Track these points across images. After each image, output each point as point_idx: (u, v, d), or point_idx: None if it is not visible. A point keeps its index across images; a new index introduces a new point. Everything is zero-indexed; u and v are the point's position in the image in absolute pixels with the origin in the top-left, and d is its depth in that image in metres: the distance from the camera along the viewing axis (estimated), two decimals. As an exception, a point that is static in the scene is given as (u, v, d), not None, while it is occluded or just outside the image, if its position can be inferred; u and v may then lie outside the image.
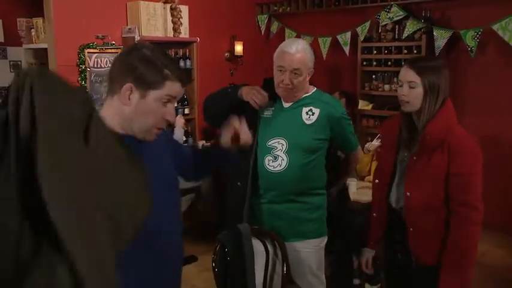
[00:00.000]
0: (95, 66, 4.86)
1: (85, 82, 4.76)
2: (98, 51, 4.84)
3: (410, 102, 2.08)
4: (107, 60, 4.94)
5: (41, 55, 5.52)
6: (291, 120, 2.35)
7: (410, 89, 2.07)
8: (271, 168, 2.33)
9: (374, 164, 3.84)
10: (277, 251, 2.39)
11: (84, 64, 4.74)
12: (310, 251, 2.44)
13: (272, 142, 2.34)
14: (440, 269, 2.03)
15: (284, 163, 2.31)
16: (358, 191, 3.56)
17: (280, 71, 2.28)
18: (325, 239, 2.51)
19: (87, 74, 4.78)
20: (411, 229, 2.12)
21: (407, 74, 2.08)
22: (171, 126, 3.65)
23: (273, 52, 2.38)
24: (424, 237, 2.09)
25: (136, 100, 1.45)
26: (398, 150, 2.18)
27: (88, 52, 4.77)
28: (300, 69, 2.27)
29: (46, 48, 4.88)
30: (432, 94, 2.04)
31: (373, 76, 5.50)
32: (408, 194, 2.10)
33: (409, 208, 2.12)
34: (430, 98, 2.04)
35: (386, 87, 5.34)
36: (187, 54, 5.42)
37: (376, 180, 2.27)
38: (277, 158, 2.32)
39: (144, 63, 1.45)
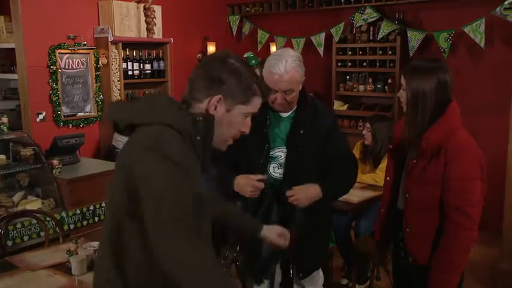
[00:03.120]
0: (66, 67, 4.67)
1: (56, 84, 4.57)
2: (69, 51, 4.65)
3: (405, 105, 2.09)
4: (78, 61, 4.76)
5: (2, 56, 5.26)
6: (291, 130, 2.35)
7: (403, 91, 2.08)
8: (277, 175, 2.33)
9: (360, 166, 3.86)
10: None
11: (55, 65, 4.55)
12: None
13: (276, 151, 2.34)
14: (430, 270, 2.05)
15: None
16: (347, 191, 3.55)
17: (272, 92, 2.22)
18: None
19: (58, 75, 4.59)
20: (407, 230, 2.13)
21: (402, 77, 2.09)
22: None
23: (245, 53, 2.33)
24: (419, 239, 2.10)
25: (222, 112, 1.43)
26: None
27: (59, 53, 4.58)
28: (291, 89, 2.23)
29: (9, 49, 4.66)
30: (416, 102, 2.00)
31: (348, 77, 5.56)
32: (407, 195, 2.11)
33: (407, 209, 2.13)
34: (414, 107, 2.01)
35: (361, 87, 5.40)
36: (161, 55, 5.30)
37: (388, 178, 2.27)
38: (282, 165, 2.33)
39: (234, 76, 1.42)
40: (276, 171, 2.33)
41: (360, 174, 3.47)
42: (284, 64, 2.17)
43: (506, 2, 4.37)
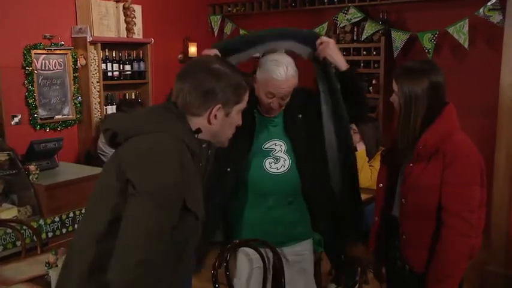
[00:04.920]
0: (43, 68, 4.51)
1: (32, 86, 4.40)
2: (45, 52, 4.48)
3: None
4: (55, 62, 4.59)
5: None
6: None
7: (395, 96, 2.03)
8: (275, 170, 2.21)
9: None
10: (274, 261, 2.29)
11: (31, 66, 4.38)
12: (305, 254, 2.38)
13: (269, 144, 2.23)
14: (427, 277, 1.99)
15: (287, 163, 2.21)
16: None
17: (269, 96, 2.15)
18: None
19: (34, 76, 4.42)
20: (403, 236, 2.07)
21: (393, 81, 2.04)
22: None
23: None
24: (416, 246, 2.04)
25: (222, 118, 1.49)
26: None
27: (35, 53, 4.41)
28: (289, 94, 2.16)
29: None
30: (408, 106, 1.96)
31: (332, 78, 5.50)
32: (403, 201, 2.05)
33: (403, 215, 2.06)
34: (406, 111, 1.97)
35: (345, 88, 5.35)
36: (141, 55, 5.16)
37: (380, 184, 2.20)
38: (278, 159, 2.21)
39: (224, 82, 1.46)
40: (273, 166, 2.21)
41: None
42: (285, 70, 2.09)
43: (489, 3, 4.37)
